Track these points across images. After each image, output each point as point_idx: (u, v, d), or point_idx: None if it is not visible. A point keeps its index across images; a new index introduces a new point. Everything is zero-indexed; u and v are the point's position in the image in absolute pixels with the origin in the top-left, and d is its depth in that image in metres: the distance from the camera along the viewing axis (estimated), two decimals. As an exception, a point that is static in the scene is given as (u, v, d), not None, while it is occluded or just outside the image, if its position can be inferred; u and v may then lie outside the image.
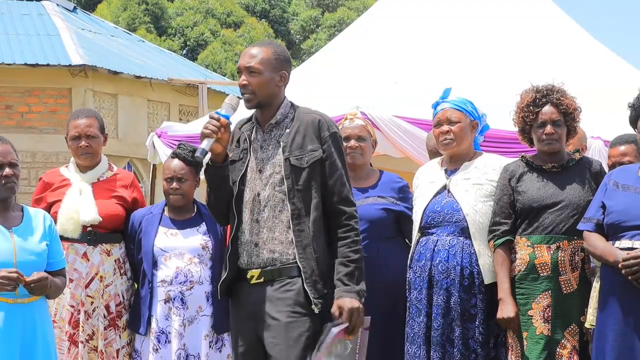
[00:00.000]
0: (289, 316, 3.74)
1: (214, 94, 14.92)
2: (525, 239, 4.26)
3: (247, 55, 3.86)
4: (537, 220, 4.24)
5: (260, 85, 3.83)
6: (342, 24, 27.47)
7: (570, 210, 4.18)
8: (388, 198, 4.78)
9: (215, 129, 3.78)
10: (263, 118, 3.92)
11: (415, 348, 4.39)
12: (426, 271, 4.38)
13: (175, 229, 4.79)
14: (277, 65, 3.85)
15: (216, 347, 4.73)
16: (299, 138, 3.81)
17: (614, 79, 7.55)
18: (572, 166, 4.30)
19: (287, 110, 3.91)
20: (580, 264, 4.22)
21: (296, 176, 3.78)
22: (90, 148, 4.82)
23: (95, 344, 4.74)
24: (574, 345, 4.16)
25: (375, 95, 7.01)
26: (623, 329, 3.85)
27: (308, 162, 3.78)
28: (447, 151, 4.53)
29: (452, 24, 8.06)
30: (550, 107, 4.26)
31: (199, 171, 4.85)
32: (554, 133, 4.24)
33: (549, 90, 4.29)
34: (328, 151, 3.81)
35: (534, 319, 4.20)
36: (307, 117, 3.86)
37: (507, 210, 4.31)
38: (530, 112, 4.28)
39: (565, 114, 4.26)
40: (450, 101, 4.54)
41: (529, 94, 4.31)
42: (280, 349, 3.74)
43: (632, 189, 3.95)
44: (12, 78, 14.27)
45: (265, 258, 3.82)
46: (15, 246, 3.93)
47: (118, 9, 28.38)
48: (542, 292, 4.20)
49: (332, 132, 3.84)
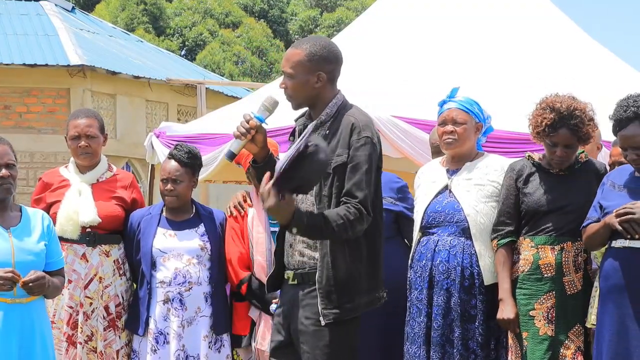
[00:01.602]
0: (314, 324, 3.71)
1: (212, 94, 14.93)
2: (530, 240, 4.25)
3: (284, 58, 3.80)
4: (542, 222, 4.23)
5: (295, 89, 3.76)
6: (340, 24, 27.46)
7: (575, 213, 4.18)
8: (387, 198, 4.77)
9: (244, 131, 3.69)
10: (314, 115, 3.85)
11: (415, 348, 4.39)
12: (427, 271, 4.38)
13: (173, 230, 4.78)
14: (312, 67, 3.73)
15: (215, 347, 4.73)
16: (333, 142, 3.72)
17: (614, 80, 7.54)
18: (578, 169, 4.29)
19: (334, 111, 3.79)
20: (583, 265, 4.22)
21: (324, 181, 3.70)
22: (89, 148, 4.81)
23: (94, 344, 4.74)
24: (579, 346, 4.15)
25: (374, 95, 7.00)
26: (619, 329, 3.85)
27: (332, 167, 3.68)
28: (449, 151, 4.52)
29: (451, 25, 8.06)
30: (566, 131, 4.17)
31: (196, 172, 4.84)
32: (566, 156, 4.22)
33: (570, 114, 4.17)
34: (353, 154, 3.69)
35: (537, 320, 4.19)
36: (347, 119, 3.75)
37: (513, 211, 4.30)
38: (546, 133, 4.22)
39: (580, 137, 4.20)
40: (458, 101, 4.52)
41: (546, 114, 4.20)
42: (308, 356, 3.73)
43: (628, 189, 3.95)
44: (10, 78, 14.25)
45: (296, 260, 3.81)
46: (14, 246, 3.93)
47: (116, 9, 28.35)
48: (546, 293, 4.19)
49: (362, 137, 3.71)
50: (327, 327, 3.69)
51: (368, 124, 3.77)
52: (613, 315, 3.88)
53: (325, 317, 3.68)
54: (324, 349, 3.69)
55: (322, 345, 3.70)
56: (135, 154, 14.30)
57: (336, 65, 3.82)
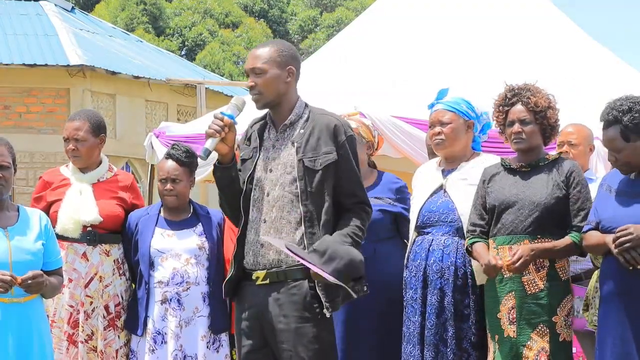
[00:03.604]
0: (297, 321, 3.71)
1: (212, 94, 14.93)
2: (492, 241, 4.22)
3: (251, 57, 3.83)
4: (499, 221, 4.20)
5: (266, 84, 3.79)
6: (340, 24, 27.47)
7: (529, 209, 4.13)
8: (385, 199, 4.77)
9: (218, 128, 3.74)
10: (277, 118, 3.88)
11: (410, 347, 4.40)
12: (421, 271, 4.38)
13: (171, 230, 4.78)
14: (282, 62, 3.79)
15: (214, 347, 4.72)
16: (313, 140, 3.77)
17: (614, 80, 7.53)
18: (542, 165, 4.24)
19: (302, 111, 3.86)
20: (547, 263, 4.13)
21: (309, 178, 3.74)
22: (77, 151, 4.82)
23: (94, 344, 4.74)
24: (543, 347, 4.07)
25: (374, 95, 7.00)
26: (622, 333, 3.83)
27: (322, 165, 3.74)
28: (440, 152, 4.54)
29: (450, 24, 8.05)
30: (520, 106, 4.23)
31: (193, 172, 4.84)
32: (521, 132, 4.21)
33: (520, 89, 4.27)
34: (345, 155, 3.77)
35: (502, 322, 4.16)
36: (323, 119, 3.81)
37: (481, 212, 4.29)
38: (501, 111, 4.28)
39: (535, 112, 4.22)
40: (444, 102, 4.54)
41: (501, 95, 4.31)
42: (290, 354, 3.72)
43: (623, 193, 3.94)
44: (10, 78, 14.26)
45: (271, 259, 3.79)
46: (11, 246, 3.93)
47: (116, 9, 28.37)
48: (507, 294, 4.14)
49: (348, 136, 3.80)
50: (310, 323, 3.70)
51: (346, 122, 3.90)
52: (616, 319, 3.85)
53: (328, 310, 3.68)
54: (308, 345, 3.70)
55: (306, 341, 3.70)
56: (135, 154, 14.30)
57: (298, 65, 3.88)
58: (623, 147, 3.86)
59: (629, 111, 3.85)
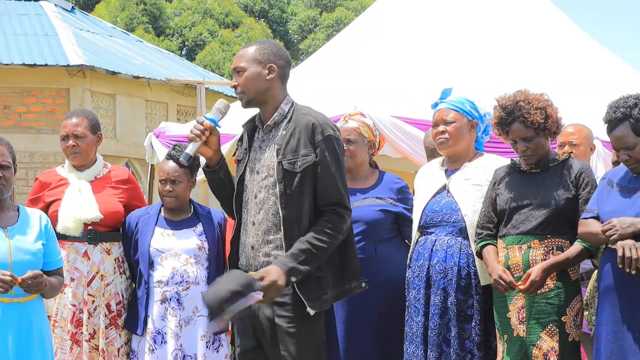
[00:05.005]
0: (288, 322, 3.72)
1: (212, 94, 14.91)
2: (502, 241, 4.22)
3: (235, 57, 3.85)
4: (509, 221, 4.20)
5: (247, 82, 3.78)
6: (340, 24, 27.45)
7: (539, 209, 4.13)
8: (386, 199, 4.77)
9: (199, 132, 3.78)
10: (264, 118, 3.88)
11: (413, 347, 4.39)
12: (424, 271, 4.38)
13: (171, 229, 4.78)
14: (263, 59, 3.78)
15: (213, 347, 4.72)
16: (293, 141, 3.74)
17: (613, 79, 7.54)
18: (552, 166, 4.24)
19: (286, 111, 3.83)
20: None
21: (288, 181, 3.71)
22: (77, 147, 4.84)
23: (96, 342, 4.75)
24: (552, 346, 4.07)
25: (374, 95, 7.00)
26: (615, 329, 3.83)
27: (301, 167, 3.70)
28: (443, 151, 4.54)
29: (450, 24, 8.06)
30: (518, 125, 4.17)
31: (194, 173, 4.84)
32: (527, 149, 4.19)
33: (514, 106, 4.17)
34: (321, 155, 3.71)
35: (512, 321, 4.16)
36: (303, 119, 3.76)
37: (490, 214, 4.29)
38: (501, 131, 4.25)
39: (535, 127, 4.17)
40: (448, 101, 4.54)
41: (496, 112, 4.24)
42: (284, 355, 3.73)
43: (624, 189, 3.93)
44: (10, 78, 14.25)
45: (261, 261, 3.80)
46: (11, 246, 3.93)
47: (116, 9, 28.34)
48: (517, 293, 4.13)
49: (326, 136, 3.73)
50: (299, 322, 3.71)
51: (327, 121, 3.80)
52: (610, 315, 3.86)
53: (312, 309, 3.68)
54: (299, 345, 3.71)
55: (297, 340, 3.71)
56: (134, 154, 14.29)
57: (286, 64, 3.86)
58: (635, 142, 3.84)
59: (636, 106, 3.84)
